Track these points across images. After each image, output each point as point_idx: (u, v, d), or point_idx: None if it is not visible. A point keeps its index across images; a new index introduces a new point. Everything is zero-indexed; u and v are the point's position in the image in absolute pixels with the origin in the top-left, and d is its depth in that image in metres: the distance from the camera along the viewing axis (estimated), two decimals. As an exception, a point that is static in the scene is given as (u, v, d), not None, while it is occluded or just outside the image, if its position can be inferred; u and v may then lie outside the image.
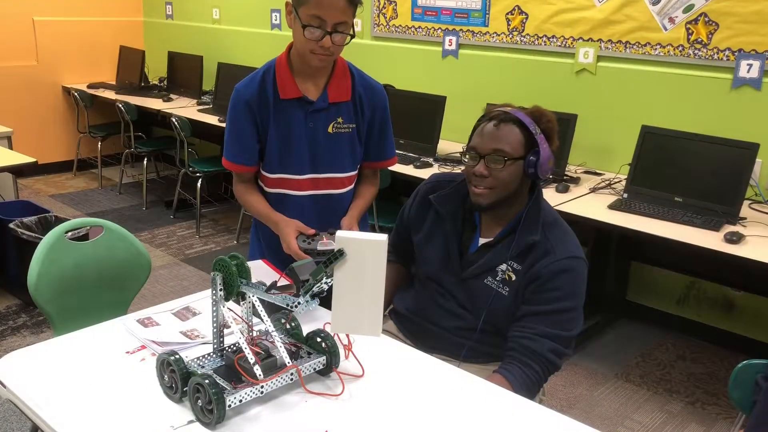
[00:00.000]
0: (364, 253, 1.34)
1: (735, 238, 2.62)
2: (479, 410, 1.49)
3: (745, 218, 2.86)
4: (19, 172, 3.77)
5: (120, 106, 5.26)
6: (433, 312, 1.89)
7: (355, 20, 1.88)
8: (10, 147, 4.11)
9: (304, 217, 1.97)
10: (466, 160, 1.79)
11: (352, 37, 1.83)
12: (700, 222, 2.81)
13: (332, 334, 1.54)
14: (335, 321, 1.39)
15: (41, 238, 2.06)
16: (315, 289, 1.39)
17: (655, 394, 3.04)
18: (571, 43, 3.69)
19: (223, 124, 4.51)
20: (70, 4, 5.94)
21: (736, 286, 3.31)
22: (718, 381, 3.15)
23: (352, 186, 2.08)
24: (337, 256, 1.34)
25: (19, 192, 4.53)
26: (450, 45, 4.20)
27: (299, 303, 1.40)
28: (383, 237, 1.34)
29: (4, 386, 1.49)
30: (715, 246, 2.62)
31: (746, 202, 2.98)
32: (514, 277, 1.77)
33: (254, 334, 1.53)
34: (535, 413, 1.49)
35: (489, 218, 1.85)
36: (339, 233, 1.35)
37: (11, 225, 3.48)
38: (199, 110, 5.05)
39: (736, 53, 3.16)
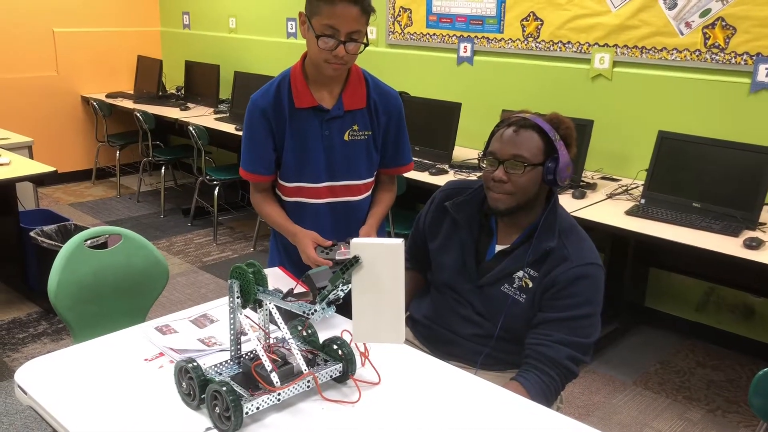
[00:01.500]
0: (381, 258, 1.33)
1: (754, 244, 2.60)
2: (496, 418, 1.48)
3: (764, 224, 2.83)
4: (39, 181, 3.82)
5: (138, 115, 5.32)
6: (450, 319, 1.89)
7: (369, 28, 1.89)
8: (31, 156, 4.17)
9: (321, 224, 1.98)
10: (484, 165, 1.80)
11: (366, 45, 1.84)
12: (719, 228, 2.78)
13: (349, 342, 1.54)
14: (357, 331, 1.38)
15: (61, 247, 2.09)
16: (331, 296, 1.40)
17: (675, 401, 3.01)
18: (587, 48, 3.68)
19: (240, 133, 4.55)
20: (89, 16, 6.02)
21: (756, 292, 3.27)
22: (739, 388, 3.11)
23: (369, 193, 2.09)
24: (353, 262, 1.34)
25: (40, 201, 4.59)
26: (465, 52, 4.21)
27: (315, 310, 1.40)
28: (399, 241, 1.34)
29: (25, 393, 1.51)
30: (735, 252, 2.60)
31: (766, 207, 2.94)
32: (530, 284, 1.76)
33: (271, 341, 1.54)
34: (553, 421, 1.48)
35: (505, 225, 1.84)
36: (354, 240, 1.36)
37: (32, 233, 3.53)
38: (216, 119, 5.09)
39: (754, 57, 3.14)
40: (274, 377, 1.41)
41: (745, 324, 3.39)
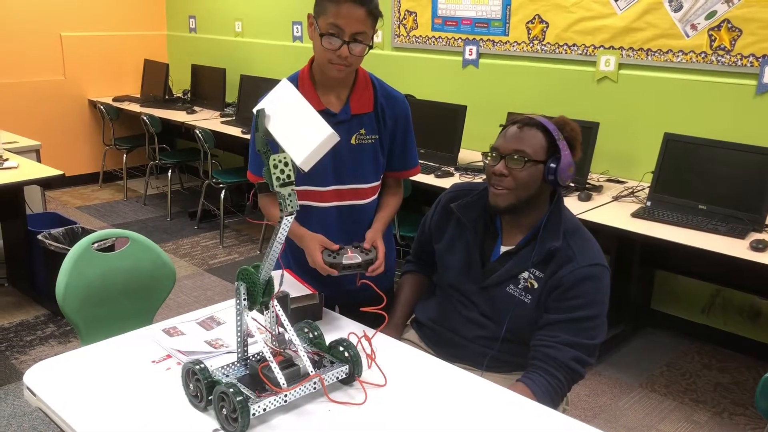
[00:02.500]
0: (278, 99, 1.46)
1: (761, 246, 2.59)
2: (502, 420, 1.48)
3: (771, 226, 2.82)
4: (47, 184, 3.84)
5: (144, 118, 5.34)
6: (455, 321, 1.89)
7: (375, 32, 1.90)
8: (39, 160, 4.19)
9: (328, 228, 1.98)
10: (487, 160, 1.81)
11: (370, 47, 1.85)
12: (725, 230, 2.78)
13: (354, 344, 1.55)
14: (297, 157, 1.41)
15: (69, 250, 2.10)
16: (279, 174, 1.38)
17: (681, 404, 3.01)
18: (592, 51, 3.68)
19: (246, 136, 4.57)
20: (96, 20, 6.05)
21: (763, 294, 3.26)
22: (746, 391, 3.10)
23: (375, 196, 2.09)
24: (258, 115, 1.43)
25: (47, 204, 4.62)
26: (470, 54, 4.21)
27: (281, 201, 1.40)
28: (284, 80, 1.51)
29: (34, 394, 1.52)
30: (741, 254, 2.59)
31: (772, 210, 2.94)
32: (536, 285, 1.76)
33: (277, 343, 1.54)
34: (559, 423, 1.49)
35: (510, 226, 1.85)
36: (256, 109, 1.45)
37: (40, 236, 3.55)
38: (222, 122, 5.11)
39: (760, 59, 3.13)
40: (281, 379, 1.41)
41: (752, 326, 3.39)
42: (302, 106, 1.46)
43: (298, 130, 1.43)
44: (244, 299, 1.48)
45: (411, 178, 2.21)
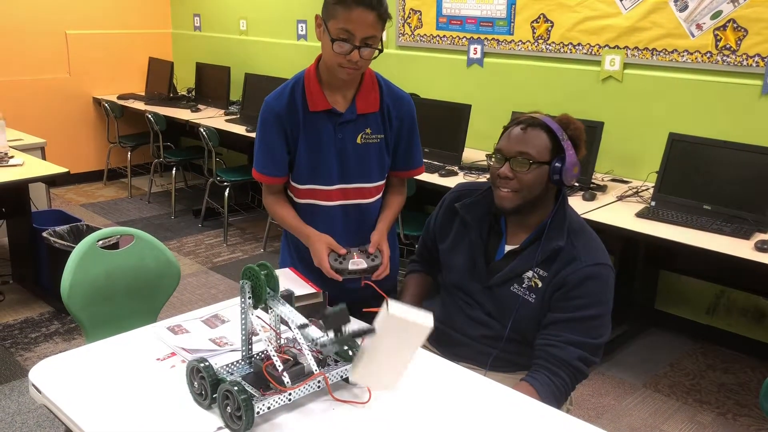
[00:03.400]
0: (405, 331, 1.33)
1: (766, 247, 2.59)
2: (505, 419, 1.48)
3: (776, 226, 2.82)
4: (51, 182, 3.85)
5: (149, 116, 5.35)
6: (460, 321, 1.89)
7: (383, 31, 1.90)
8: (44, 157, 4.20)
9: (333, 227, 1.98)
10: (492, 162, 1.81)
11: (380, 51, 1.85)
12: (730, 230, 2.77)
13: (359, 342, 1.55)
14: (355, 370, 1.39)
15: (73, 247, 2.10)
16: (343, 346, 1.42)
17: (685, 404, 3.00)
18: (597, 50, 3.68)
19: (251, 134, 4.58)
20: (102, 18, 6.06)
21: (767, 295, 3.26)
22: (750, 392, 3.10)
23: (380, 195, 2.09)
24: (367, 332, 1.35)
25: (52, 201, 4.63)
26: (475, 53, 4.21)
27: (325, 346, 1.42)
28: (429, 322, 1.32)
29: (39, 391, 1.52)
30: (746, 254, 2.59)
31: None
32: (540, 284, 1.76)
33: (282, 341, 1.54)
34: (563, 423, 1.49)
35: (515, 225, 1.85)
36: (391, 307, 1.31)
37: (44, 234, 3.56)
38: (227, 120, 5.11)
39: (765, 59, 3.12)
40: (285, 377, 1.41)
41: (756, 327, 3.38)
42: (408, 354, 1.37)
43: (381, 366, 1.37)
44: (249, 298, 1.49)
45: (415, 177, 2.21)
